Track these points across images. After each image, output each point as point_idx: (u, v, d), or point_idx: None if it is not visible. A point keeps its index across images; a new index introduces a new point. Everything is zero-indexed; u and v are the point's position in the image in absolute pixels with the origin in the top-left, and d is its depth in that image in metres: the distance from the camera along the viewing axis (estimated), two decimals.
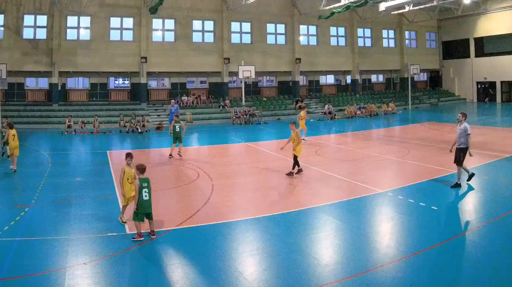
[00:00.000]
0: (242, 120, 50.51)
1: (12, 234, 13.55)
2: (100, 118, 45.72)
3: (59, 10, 49.69)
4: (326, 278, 10.66)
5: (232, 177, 22.51)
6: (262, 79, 62.72)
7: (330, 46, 63.80)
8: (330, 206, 16.64)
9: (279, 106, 58.26)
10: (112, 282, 10.64)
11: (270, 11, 58.92)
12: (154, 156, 30.09)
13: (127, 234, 13.77)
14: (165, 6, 48.95)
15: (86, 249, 12.59)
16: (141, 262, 11.97)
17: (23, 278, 10.67)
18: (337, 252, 12.43)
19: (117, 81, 56.52)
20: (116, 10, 52.30)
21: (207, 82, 59.17)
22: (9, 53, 47.74)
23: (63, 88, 52.45)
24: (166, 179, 22.55)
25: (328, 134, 40.41)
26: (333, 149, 31.22)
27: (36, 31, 50.18)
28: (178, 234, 13.90)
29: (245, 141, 35.85)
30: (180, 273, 11.14)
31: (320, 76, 66.14)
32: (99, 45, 51.56)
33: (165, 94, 56.93)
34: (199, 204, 17.16)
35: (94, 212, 16.15)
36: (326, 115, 53.87)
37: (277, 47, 60.30)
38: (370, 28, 66.75)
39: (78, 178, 22.06)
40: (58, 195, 18.49)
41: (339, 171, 22.82)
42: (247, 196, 18.98)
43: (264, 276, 10.83)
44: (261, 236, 13.75)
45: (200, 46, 56.13)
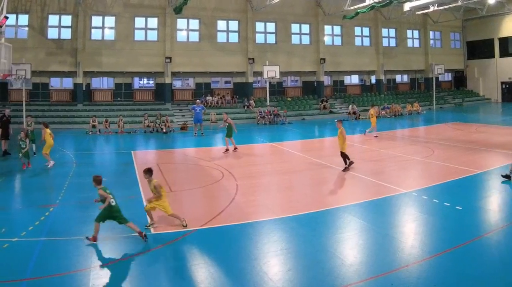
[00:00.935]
0: (267, 120, 48.80)
1: (37, 234, 13.34)
2: (125, 119, 44.14)
3: (84, 10, 48.19)
4: (350, 278, 10.44)
5: (256, 177, 21.94)
6: (287, 79, 60.09)
7: (355, 46, 61.27)
8: (355, 206, 16.30)
9: (303, 107, 56.14)
10: (136, 282, 10.56)
11: (294, 11, 56.70)
12: (178, 156, 29.44)
13: (152, 234, 13.50)
14: (189, 6, 47.27)
15: (111, 249, 12.44)
16: (166, 262, 11.77)
17: (47, 278, 10.47)
18: (361, 252, 12.16)
19: (141, 81, 54.47)
20: (140, 10, 50.57)
21: (232, 82, 56.91)
22: (33, 53, 46.26)
23: (88, 88, 50.67)
24: (191, 179, 21.96)
25: (353, 135, 38.01)
26: (358, 149, 29.96)
27: (61, 31, 48.55)
28: (202, 234, 13.60)
29: (270, 141, 34.65)
30: (204, 273, 10.90)
31: (345, 76, 63.37)
32: (123, 45, 49.87)
33: (190, 94, 54.80)
34: (224, 204, 16.83)
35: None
36: (350, 115, 52.02)
37: (301, 47, 57.92)
38: (394, 28, 64.10)
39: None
40: (82, 195, 17.97)
41: (364, 171, 22.17)
42: (272, 196, 18.58)
43: (288, 276, 10.61)
44: (285, 236, 13.46)
45: (225, 46, 54.07)
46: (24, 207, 16.97)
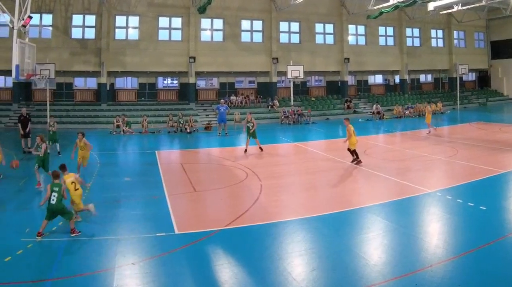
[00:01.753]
0: (291, 120, 46.83)
1: (61, 234, 13.08)
2: (149, 118, 42.59)
3: (108, 10, 46.48)
4: (374, 278, 10.13)
5: (280, 177, 21.32)
6: (311, 79, 57.61)
7: (379, 46, 58.53)
8: (379, 206, 15.85)
9: (327, 106, 53.68)
10: (160, 282, 10.22)
11: (318, 11, 54.18)
12: (202, 156, 28.96)
13: (176, 234, 13.22)
14: (213, 5, 45.34)
15: (135, 249, 12.16)
16: (190, 262, 11.34)
17: (71, 278, 10.25)
18: (385, 252, 11.86)
19: (165, 81, 52.36)
20: (164, 10, 48.66)
21: (256, 82, 54.46)
22: (57, 53, 44.76)
23: (112, 88, 48.86)
24: (214, 179, 21.35)
25: (377, 134, 37.79)
26: (382, 149, 29.62)
27: (85, 30, 46.92)
28: (226, 234, 13.25)
29: (294, 141, 33.59)
30: (228, 273, 10.61)
31: (369, 76, 60.80)
32: (147, 45, 47.95)
33: (214, 94, 52.58)
34: (248, 204, 16.44)
35: (143, 212, 15.55)
36: (374, 115, 49.77)
37: (325, 47, 55.32)
38: (418, 28, 61.10)
39: (126, 177, 21.10)
40: (106, 195, 17.59)
41: (388, 171, 21.67)
42: (296, 196, 18.00)
43: (312, 276, 10.34)
44: (309, 236, 13.12)
45: (249, 46, 51.78)
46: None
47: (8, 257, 11.28)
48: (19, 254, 11.54)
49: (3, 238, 12.82)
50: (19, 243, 12.22)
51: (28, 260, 11.30)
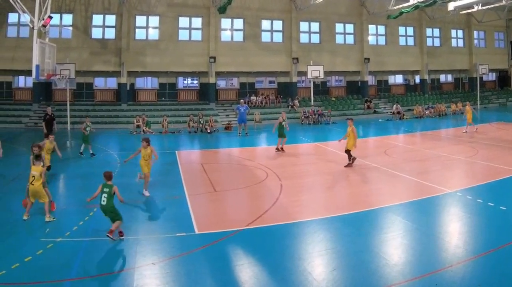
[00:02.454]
0: (311, 120, 45.00)
1: (81, 234, 12.65)
2: (169, 118, 40.94)
3: (128, 10, 44.75)
4: (394, 278, 9.75)
5: (301, 177, 20.50)
6: (331, 79, 55.15)
7: (399, 46, 55.94)
8: (399, 206, 15.37)
9: (347, 106, 51.36)
10: (181, 282, 9.84)
11: (338, 11, 51.75)
12: (222, 156, 28.07)
13: (196, 234, 12.80)
14: (233, 5, 43.56)
15: (155, 249, 11.72)
16: (210, 262, 10.89)
17: (91, 278, 9.97)
18: (405, 252, 11.43)
19: (185, 81, 50.30)
20: (184, 10, 46.73)
21: (276, 82, 52.10)
22: (77, 53, 43.22)
23: (132, 88, 46.93)
24: (235, 179, 20.63)
25: (397, 134, 36.38)
26: (402, 149, 28.74)
27: (105, 30, 45.25)
28: (247, 234, 12.80)
29: (314, 141, 32.29)
30: (249, 273, 10.24)
31: (389, 76, 58.27)
32: (168, 45, 46.08)
33: (234, 94, 50.35)
34: (268, 204, 15.89)
35: (163, 212, 15.13)
36: (394, 115, 47.81)
37: (345, 47, 52.87)
38: (439, 28, 58.34)
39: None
40: (127, 195, 15.49)
41: (408, 171, 20.85)
42: (316, 196, 17.38)
43: (333, 276, 9.98)
44: (330, 236, 12.70)
45: (269, 46, 49.53)
46: (68, 207, 15.65)
47: (29, 257, 10.89)
48: (39, 254, 11.13)
49: (23, 238, 12.43)
50: (39, 243, 11.85)
51: (48, 260, 10.87)
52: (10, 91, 44.82)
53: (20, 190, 15.57)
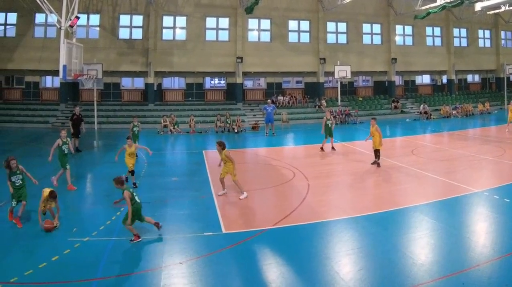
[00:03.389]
0: (338, 120, 41.79)
1: (108, 234, 12.01)
2: (196, 118, 38.61)
3: (155, 10, 42.23)
4: (421, 277, 9.26)
5: (327, 177, 19.74)
6: (358, 79, 51.83)
7: (426, 46, 52.32)
8: (426, 205, 14.56)
9: (374, 106, 48.08)
10: (208, 281, 9.41)
11: (365, 11, 48.45)
12: (250, 156, 26.73)
13: (223, 234, 12.16)
14: (261, 6, 41.11)
15: (182, 249, 11.18)
16: (237, 261, 10.40)
17: (118, 278, 9.47)
18: (432, 251, 10.78)
19: (213, 81, 47.49)
20: (211, 10, 44.01)
21: (303, 82, 48.90)
22: (105, 53, 40.87)
23: (159, 88, 44.26)
24: (262, 178, 19.71)
25: (424, 134, 34.63)
26: (429, 149, 27.40)
27: (132, 31, 42.72)
28: (274, 234, 12.19)
29: (341, 141, 30.39)
30: (276, 273, 9.75)
31: (416, 76, 54.75)
32: (195, 45, 43.41)
33: (261, 94, 47.24)
34: (295, 203, 15.16)
35: (190, 212, 14.34)
36: (421, 115, 44.95)
37: (373, 47, 49.51)
38: (466, 28, 54.58)
39: (174, 177, 19.52)
40: (154, 195, 16.22)
41: (435, 171, 19.90)
42: (343, 195, 16.73)
43: (360, 275, 9.46)
44: (357, 236, 11.97)
45: (296, 46, 46.43)
46: (95, 206, 15.18)
47: (56, 256, 10.46)
48: (67, 253, 10.72)
49: (50, 237, 11.90)
50: (66, 242, 11.37)
51: (75, 259, 10.44)
52: (37, 91, 42.70)
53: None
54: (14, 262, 10.29)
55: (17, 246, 11.40)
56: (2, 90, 42.00)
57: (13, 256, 10.68)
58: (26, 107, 40.44)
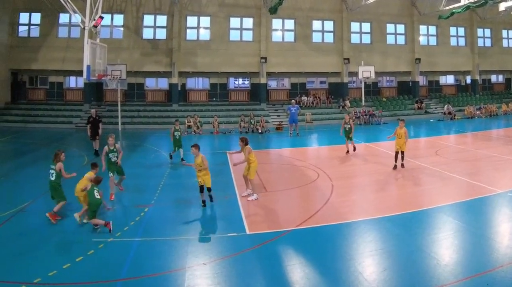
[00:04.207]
0: (362, 121, 40.12)
1: (132, 234, 11.56)
2: (220, 119, 36.40)
3: (179, 10, 39.91)
4: (445, 278, 8.88)
5: (351, 177, 18.84)
6: (382, 79, 48.99)
7: (450, 46, 49.23)
8: (450, 206, 13.78)
9: (398, 107, 45.23)
10: (231, 282, 9.03)
11: (389, 11, 45.58)
12: (273, 157, 25.47)
13: (247, 235, 11.55)
14: (284, 6, 38.65)
15: (206, 249, 10.75)
16: (261, 262, 9.94)
17: (142, 279, 9.10)
18: (456, 252, 10.31)
19: (237, 82, 45.03)
20: (235, 10, 41.66)
21: (327, 82, 46.22)
22: (128, 53, 38.67)
23: (183, 89, 41.93)
24: (286, 179, 18.75)
25: (448, 135, 33.16)
26: (453, 149, 26.25)
27: (156, 31, 40.36)
28: (298, 234, 11.57)
29: (365, 141, 29.08)
30: (299, 273, 9.33)
31: (440, 76, 51.74)
32: (219, 46, 41.04)
33: (285, 94, 44.65)
34: (319, 204, 14.35)
35: (214, 212, 13.63)
36: (445, 115, 42.38)
37: (396, 48, 46.63)
38: (490, 28, 51.22)
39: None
40: (177, 195, 15.78)
41: (459, 171, 18.87)
42: (367, 196, 15.76)
43: (383, 276, 9.09)
44: (380, 237, 11.43)
45: (320, 46, 43.73)
46: (119, 207, 14.30)
47: (80, 257, 9.95)
48: (91, 254, 10.20)
49: (75, 238, 11.30)
50: (90, 243, 10.83)
51: (99, 260, 9.94)
52: (61, 91, 40.59)
53: (69, 190, 13.42)
54: (38, 262, 9.74)
55: (41, 246, 10.75)
56: (26, 91, 40.14)
57: (37, 257, 10.10)
58: (50, 108, 38.39)
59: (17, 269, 9.41)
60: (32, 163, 21.82)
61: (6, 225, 12.26)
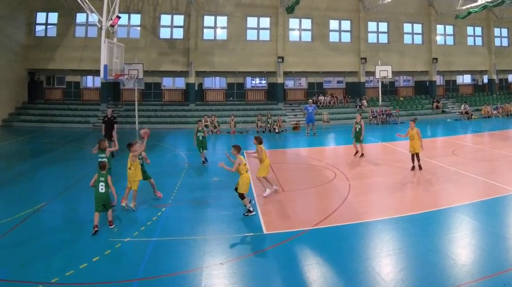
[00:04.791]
0: (379, 120, 38.47)
1: (149, 234, 11.03)
2: (237, 118, 34.88)
3: (196, 10, 38.31)
4: (462, 278, 8.50)
5: (368, 177, 17.79)
6: (399, 79, 46.95)
7: (467, 46, 47.21)
8: (467, 206, 13.10)
9: (415, 106, 43.30)
10: (248, 282, 8.65)
11: (406, 11, 43.73)
12: (291, 156, 24.48)
13: (264, 234, 11.07)
14: (301, 5, 37.20)
15: (223, 249, 10.16)
16: (278, 262, 9.49)
17: (159, 278, 8.71)
18: (474, 252, 9.81)
19: (254, 81, 43.29)
20: (252, 9, 40.04)
21: (344, 82, 44.39)
22: (145, 53, 37.15)
23: (200, 88, 40.20)
24: (303, 179, 17.75)
25: (465, 134, 31.78)
26: (470, 149, 25.15)
27: (173, 30, 38.78)
28: (315, 234, 11.03)
29: (382, 141, 28.48)
30: (317, 273, 8.92)
31: (457, 76, 49.58)
32: (236, 45, 39.48)
33: (302, 94, 42.81)
34: (336, 204, 13.67)
35: (231, 212, 12.77)
36: (462, 115, 40.70)
37: (413, 47, 44.71)
38: (507, 28, 48.98)
39: (214, 178, 17.65)
40: (195, 195, 14.92)
41: (476, 171, 17.90)
42: (384, 196, 14.81)
43: (401, 276, 8.67)
44: (398, 236, 10.88)
45: (337, 46, 41.99)
46: (137, 207, 13.20)
47: (97, 257, 9.45)
48: (107, 254, 9.70)
49: (91, 238, 10.63)
50: (107, 243, 10.26)
51: (116, 260, 9.55)
52: (78, 91, 39.08)
53: (86, 190, 13.27)
54: (55, 262, 9.32)
55: (58, 246, 10.25)
56: (43, 90, 38.66)
57: (54, 257, 9.64)
58: (67, 107, 36.96)
59: (34, 269, 8.99)
60: (49, 162, 20.96)
61: (23, 225, 11.70)
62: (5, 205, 13.61)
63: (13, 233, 11.07)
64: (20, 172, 18.91)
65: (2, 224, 11.59)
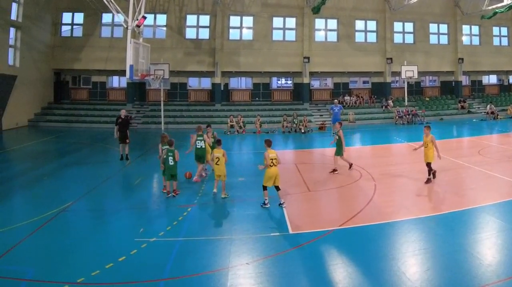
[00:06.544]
0: (405, 120, 35.18)
1: (175, 234, 10.21)
2: (262, 118, 32.04)
3: (222, 10, 34.53)
4: (488, 278, 7.71)
5: (394, 177, 16.13)
6: (425, 79, 42.66)
7: (493, 46, 42.63)
8: (493, 206, 11.89)
9: (441, 107, 39.17)
10: (274, 282, 7.88)
11: (432, 11, 39.53)
12: (316, 156, 22.71)
13: (290, 234, 10.12)
14: (327, 6, 33.51)
15: (249, 249, 9.37)
16: (304, 262, 8.66)
17: (185, 278, 8.07)
18: (500, 252, 8.86)
19: (279, 81, 39.33)
20: (278, 10, 36.22)
21: (370, 82, 40.31)
22: (171, 53, 33.54)
23: (226, 88, 36.45)
24: (329, 179, 15.92)
25: (491, 134, 29.52)
26: (496, 149, 23.10)
27: (199, 31, 35.10)
28: (340, 234, 10.14)
29: (408, 141, 26.44)
30: (342, 273, 8.12)
31: (483, 76, 45.14)
32: (261, 45, 35.71)
33: (328, 94, 38.81)
34: (362, 204, 12.50)
35: (256, 212, 11.80)
36: (488, 115, 37.05)
37: (439, 47, 40.43)
38: None
39: (240, 178, 15.93)
40: (220, 195, 13.27)
41: (502, 171, 15.97)
42: (410, 196, 13.54)
43: (427, 276, 7.89)
44: (423, 236, 9.91)
45: (363, 46, 37.94)
46: (162, 207, 12.53)
47: (123, 257, 8.73)
48: (133, 254, 8.93)
49: (117, 238, 9.91)
50: (133, 243, 9.44)
51: (142, 260, 8.70)
52: (104, 91, 35.49)
53: (112, 190, 13.28)
54: (81, 262, 8.46)
55: (84, 246, 9.38)
56: (69, 90, 35.07)
57: (80, 256, 8.76)
58: (92, 107, 33.42)
59: (60, 268, 8.25)
60: (75, 163, 19.67)
61: (49, 225, 10.88)
62: (32, 204, 12.82)
63: (40, 232, 10.23)
64: (47, 171, 17.76)
65: (29, 224, 10.75)
